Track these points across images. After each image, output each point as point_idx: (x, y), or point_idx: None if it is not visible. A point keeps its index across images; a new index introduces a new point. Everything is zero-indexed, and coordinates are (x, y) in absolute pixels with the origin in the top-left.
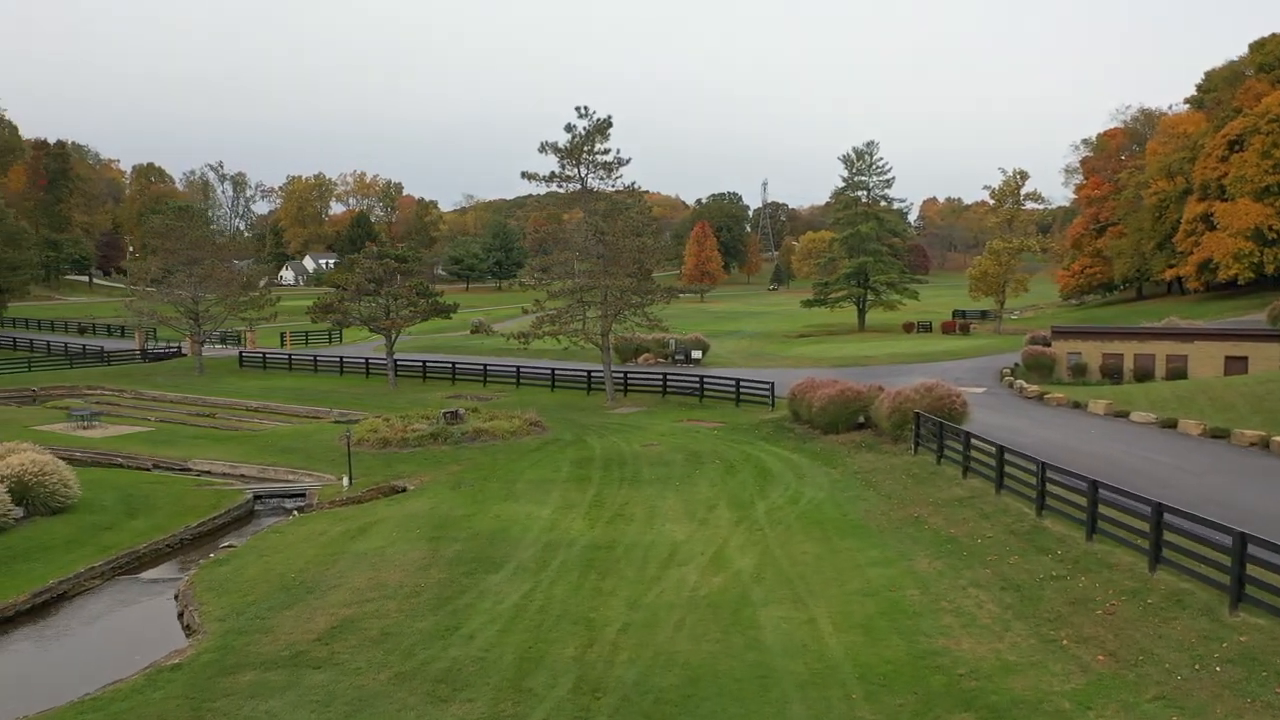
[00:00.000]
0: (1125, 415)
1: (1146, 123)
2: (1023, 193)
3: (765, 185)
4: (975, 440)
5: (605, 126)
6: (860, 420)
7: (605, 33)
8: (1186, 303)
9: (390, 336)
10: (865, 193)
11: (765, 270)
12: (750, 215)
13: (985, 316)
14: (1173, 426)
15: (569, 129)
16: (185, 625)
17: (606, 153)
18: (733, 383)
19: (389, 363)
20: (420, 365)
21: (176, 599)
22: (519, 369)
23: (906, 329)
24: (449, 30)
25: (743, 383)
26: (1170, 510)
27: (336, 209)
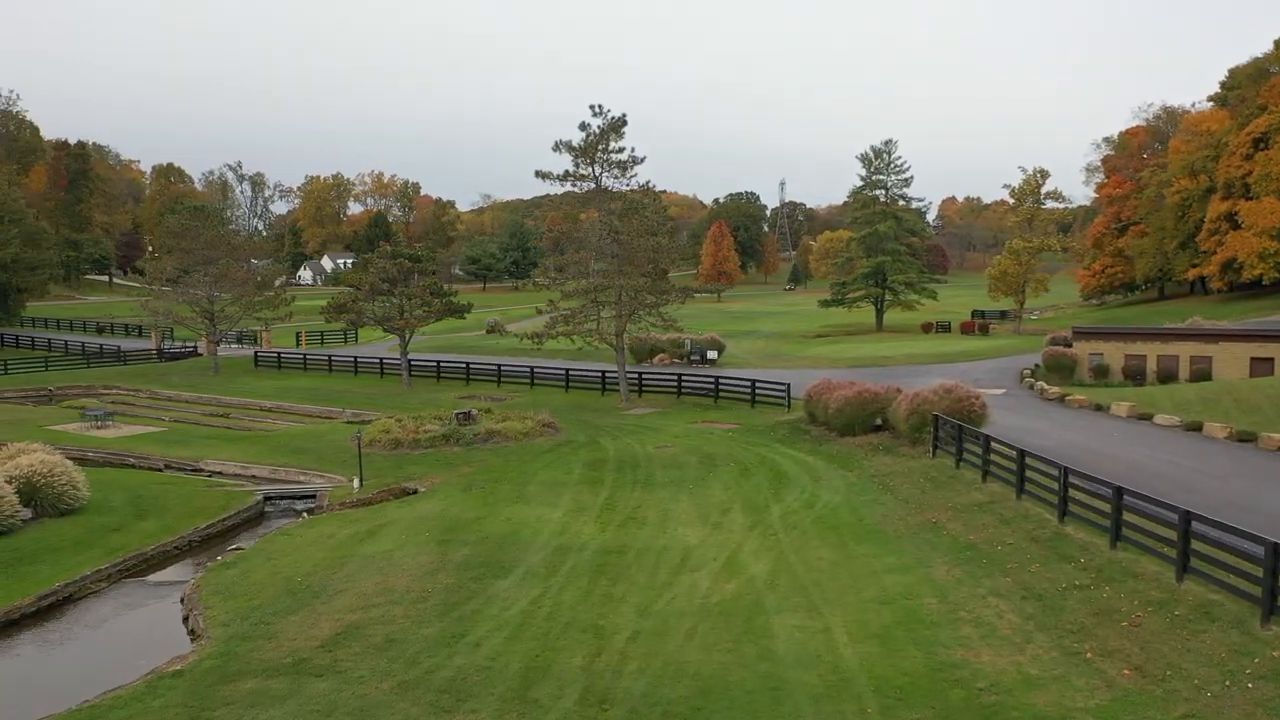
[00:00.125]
0: (1149, 418)
1: (1169, 120)
2: (1043, 191)
3: (783, 185)
4: (995, 443)
5: (620, 125)
6: (877, 422)
7: (621, 33)
8: (1210, 303)
9: (404, 336)
10: (883, 192)
11: (783, 270)
12: (768, 215)
13: (1005, 317)
14: (1198, 430)
15: (583, 127)
16: (190, 630)
17: (621, 151)
18: (748, 384)
19: (403, 363)
20: (435, 365)
21: (182, 602)
22: (533, 369)
23: (925, 329)
24: (469, 31)
25: (758, 384)
26: (1198, 518)
27: (354, 209)
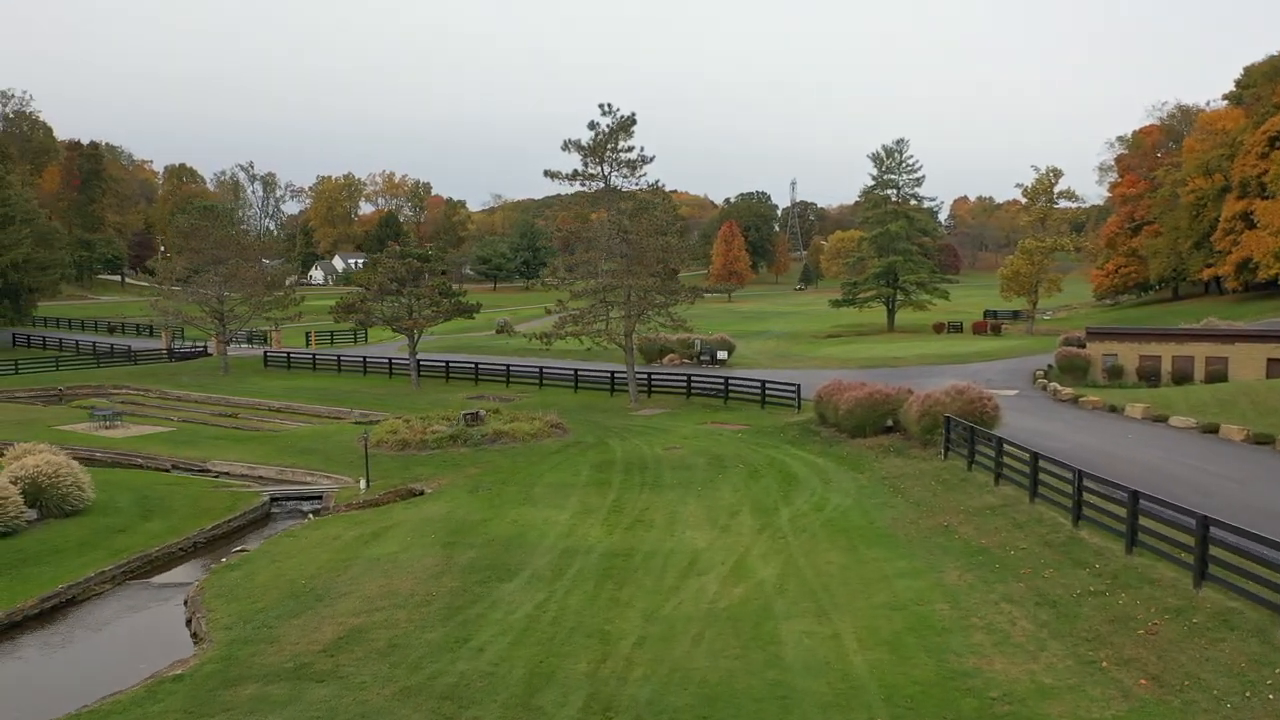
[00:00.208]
0: (1164, 420)
1: (1184, 119)
2: (1056, 191)
3: (794, 184)
4: (1008, 445)
5: (629, 124)
6: (888, 424)
7: (636, 33)
8: (1225, 303)
9: (413, 336)
10: (895, 191)
11: (794, 270)
12: (779, 215)
13: (1017, 317)
14: (1214, 432)
15: (592, 126)
16: (193, 633)
17: (630, 150)
18: (758, 384)
19: (412, 363)
20: (443, 365)
21: (186, 605)
22: (542, 369)
23: (937, 330)
24: (482, 32)
25: (768, 384)
26: (1216, 523)
27: (366, 209)
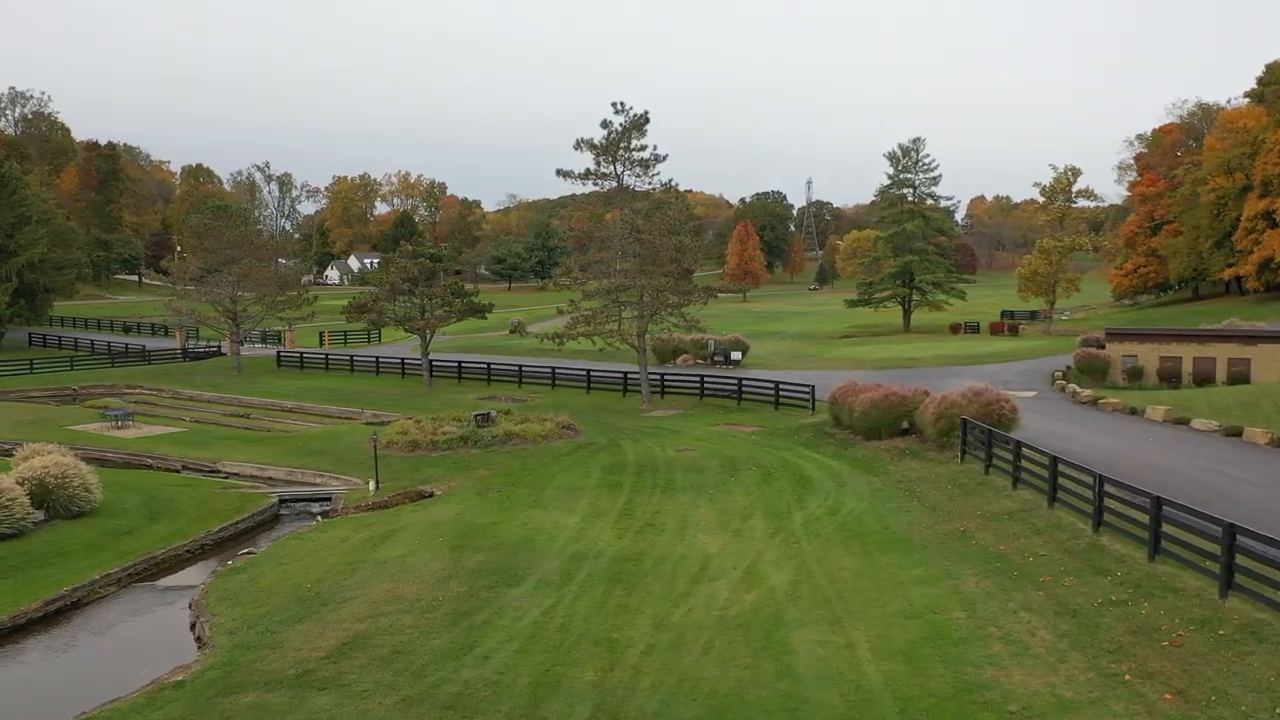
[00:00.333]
0: (1185, 422)
1: (1204, 117)
2: (1074, 190)
3: (810, 184)
4: (1026, 449)
5: (642, 122)
6: (904, 426)
7: (663, 33)
8: (1246, 303)
9: (425, 336)
10: (911, 190)
11: (809, 270)
12: (794, 214)
13: (1035, 317)
14: (1237, 435)
15: (605, 125)
16: (197, 637)
17: (643, 149)
18: (772, 385)
19: (424, 363)
20: (456, 366)
21: (190, 608)
22: (554, 370)
23: (953, 330)
24: (501, 32)
25: (782, 385)
26: (1244, 531)
27: (381, 209)
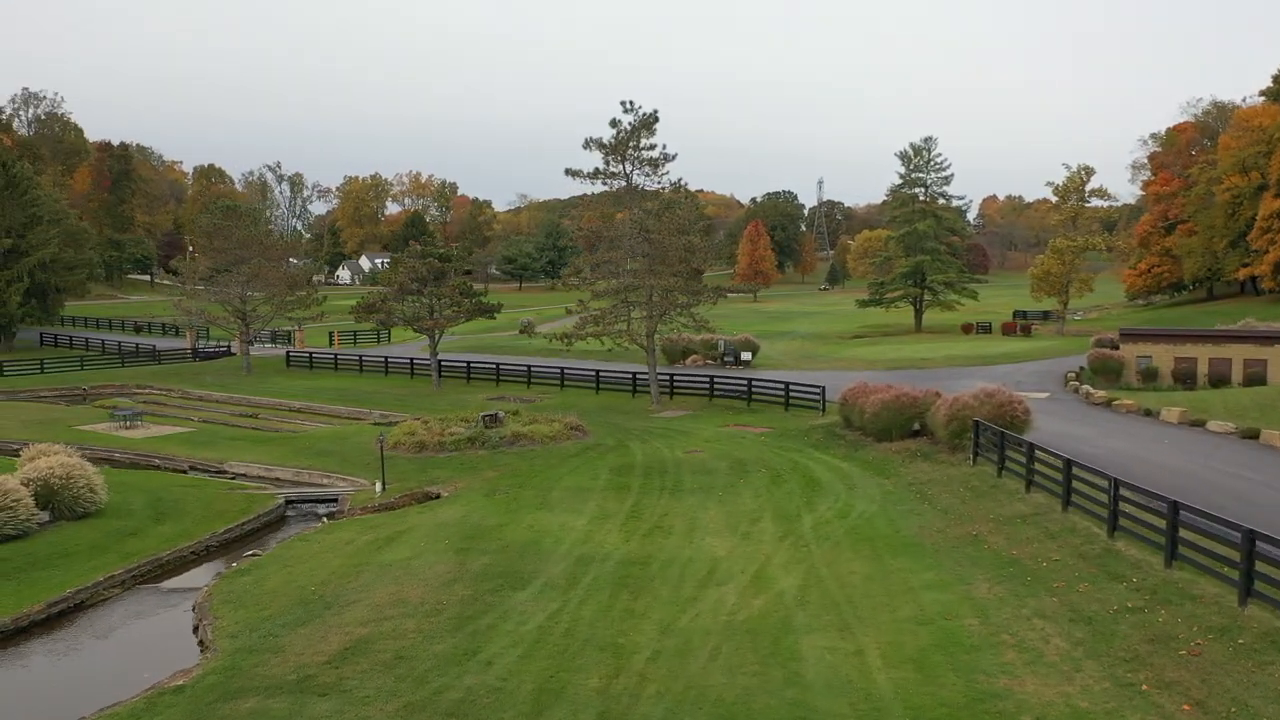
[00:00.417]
0: (1201, 424)
1: (1219, 116)
2: (1088, 189)
3: (821, 184)
4: (1039, 451)
5: (651, 122)
6: (915, 428)
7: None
8: (1261, 303)
9: (434, 336)
10: (923, 190)
11: (821, 269)
12: (805, 214)
13: (1047, 317)
14: (1254, 437)
15: (614, 124)
16: (200, 640)
17: (652, 148)
18: (782, 386)
19: (433, 363)
20: (465, 366)
21: (194, 611)
22: (563, 370)
23: (965, 330)
24: (514, 33)
25: (792, 386)
26: (1263, 537)
27: (393, 209)
